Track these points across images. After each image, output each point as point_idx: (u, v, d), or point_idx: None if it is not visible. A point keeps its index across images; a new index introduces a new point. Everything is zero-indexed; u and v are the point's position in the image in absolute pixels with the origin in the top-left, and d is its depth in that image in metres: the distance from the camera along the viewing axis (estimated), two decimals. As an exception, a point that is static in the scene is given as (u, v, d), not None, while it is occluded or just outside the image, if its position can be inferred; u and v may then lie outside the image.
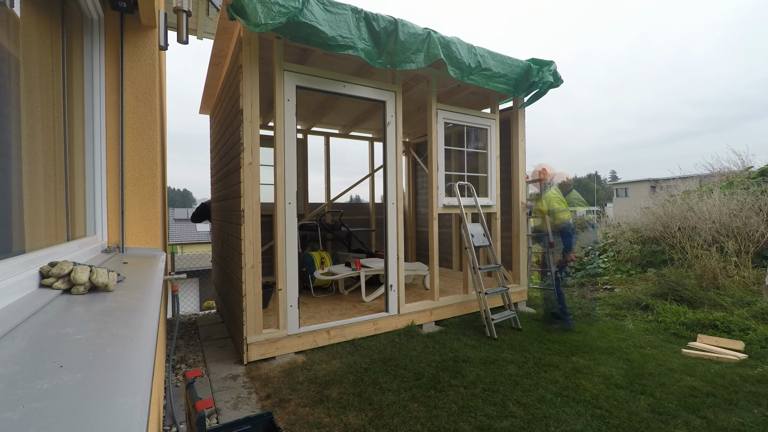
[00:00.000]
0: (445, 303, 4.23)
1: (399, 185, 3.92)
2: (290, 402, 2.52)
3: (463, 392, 2.67)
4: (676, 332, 3.97)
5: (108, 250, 1.93)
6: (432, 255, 4.14)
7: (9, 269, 0.91)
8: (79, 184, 1.85)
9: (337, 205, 6.86)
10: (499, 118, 4.69)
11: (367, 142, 7.21)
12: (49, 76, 1.47)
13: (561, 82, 4.40)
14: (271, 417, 1.86)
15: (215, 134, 4.95)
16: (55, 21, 1.56)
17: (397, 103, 3.88)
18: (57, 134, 1.55)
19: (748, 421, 2.36)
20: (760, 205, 5.77)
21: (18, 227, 1.17)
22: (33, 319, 0.80)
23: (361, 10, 3.09)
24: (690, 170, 10.84)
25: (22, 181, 1.20)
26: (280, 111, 3.19)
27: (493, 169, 4.65)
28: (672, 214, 6.66)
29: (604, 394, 2.66)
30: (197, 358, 3.39)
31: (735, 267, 5.18)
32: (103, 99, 1.97)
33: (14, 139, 1.16)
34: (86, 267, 1.08)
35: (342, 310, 3.98)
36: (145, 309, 0.94)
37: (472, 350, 3.41)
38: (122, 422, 0.44)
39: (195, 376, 2.13)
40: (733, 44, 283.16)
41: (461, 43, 3.67)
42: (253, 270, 3.05)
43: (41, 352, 0.64)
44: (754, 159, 8.51)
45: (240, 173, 3.05)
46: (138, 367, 0.61)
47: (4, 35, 1.09)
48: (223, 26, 3.23)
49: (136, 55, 2.06)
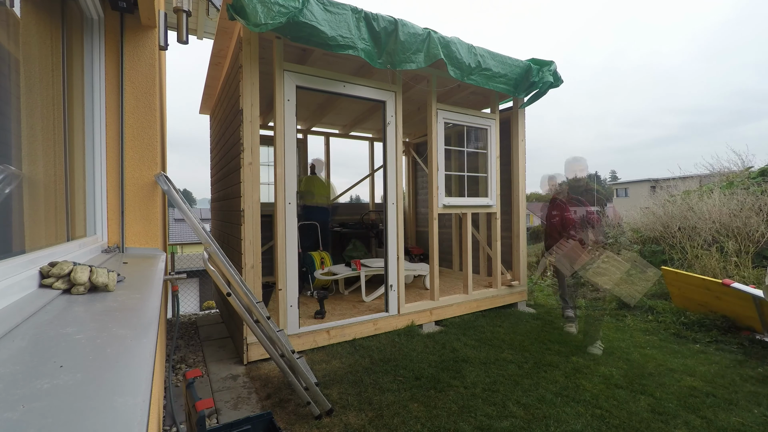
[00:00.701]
0: (445, 303, 4.23)
1: (399, 185, 3.92)
2: (290, 402, 2.52)
3: (463, 392, 2.67)
4: (677, 332, 3.97)
5: (108, 250, 1.93)
6: (432, 255, 4.14)
7: (9, 269, 0.91)
8: (79, 184, 1.85)
9: (377, 206, 7.16)
10: (499, 118, 4.69)
11: (367, 142, 7.22)
12: (49, 76, 1.47)
13: (561, 82, 4.39)
14: (271, 417, 1.87)
15: (215, 134, 4.95)
16: (55, 21, 1.56)
17: (397, 103, 3.88)
18: (57, 134, 1.55)
19: (748, 421, 2.36)
20: (760, 205, 5.77)
21: (18, 227, 1.17)
22: (33, 319, 0.80)
23: (361, 10, 3.09)
24: (690, 170, 10.83)
25: (22, 181, 1.20)
26: (280, 111, 3.19)
27: (493, 169, 4.65)
28: (672, 214, 6.66)
29: (604, 394, 2.66)
30: (197, 358, 3.39)
31: (735, 267, 5.18)
32: (103, 99, 1.97)
33: (14, 139, 1.16)
34: (86, 267, 1.08)
35: (342, 310, 3.98)
36: (145, 309, 0.94)
37: (472, 350, 3.41)
38: (122, 422, 0.44)
39: (195, 376, 2.13)
40: (708, 56, 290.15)
41: (461, 43, 3.67)
42: (253, 270, 3.05)
43: (41, 352, 0.64)
44: (754, 159, 8.50)
45: (240, 173, 3.05)
46: (138, 367, 0.61)
47: (4, 35, 1.09)
48: (223, 26, 3.23)
49: (136, 55, 2.06)
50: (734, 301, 3.81)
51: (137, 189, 2.07)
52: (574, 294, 4.21)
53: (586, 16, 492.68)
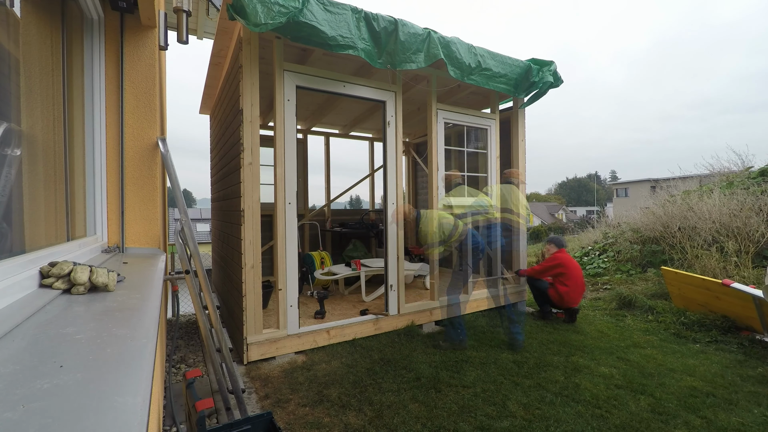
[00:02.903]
0: (445, 303, 4.22)
1: (399, 185, 3.92)
2: (290, 402, 2.52)
3: (463, 392, 2.67)
4: (677, 332, 3.97)
5: (108, 250, 1.93)
6: (432, 255, 4.14)
7: (9, 269, 0.91)
8: (79, 184, 1.85)
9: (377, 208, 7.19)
10: (499, 118, 4.69)
11: (367, 142, 7.22)
12: (49, 76, 1.47)
13: (561, 82, 4.39)
14: (271, 417, 1.87)
15: (215, 134, 4.95)
16: (55, 21, 1.56)
17: (397, 103, 3.88)
18: (57, 134, 1.55)
19: (748, 421, 2.36)
20: (760, 205, 5.77)
21: (18, 227, 1.17)
22: (33, 319, 0.80)
23: (361, 10, 3.09)
24: (690, 170, 10.85)
25: (22, 181, 1.20)
26: (280, 111, 3.19)
27: (493, 169, 4.65)
28: (672, 214, 6.65)
29: (604, 394, 2.66)
30: (197, 358, 3.39)
31: (735, 267, 5.18)
32: (103, 99, 1.97)
33: (14, 138, 1.15)
34: (86, 267, 1.08)
35: (342, 310, 3.98)
36: (145, 309, 0.94)
37: (472, 350, 3.41)
38: (122, 422, 0.44)
39: (195, 376, 2.13)
40: (642, 79, 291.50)
41: (461, 43, 3.67)
42: (253, 270, 3.05)
43: (41, 352, 0.64)
44: (754, 159, 8.51)
45: (240, 173, 3.05)
46: (138, 367, 0.61)
47: (4, 35, 1.09)
48: (223, 26, 3.23)
49: (136, 55, 2.06)
50: (734, 301, 3.81)
51: (137, 189, 2.07)
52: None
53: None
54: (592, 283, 6.27)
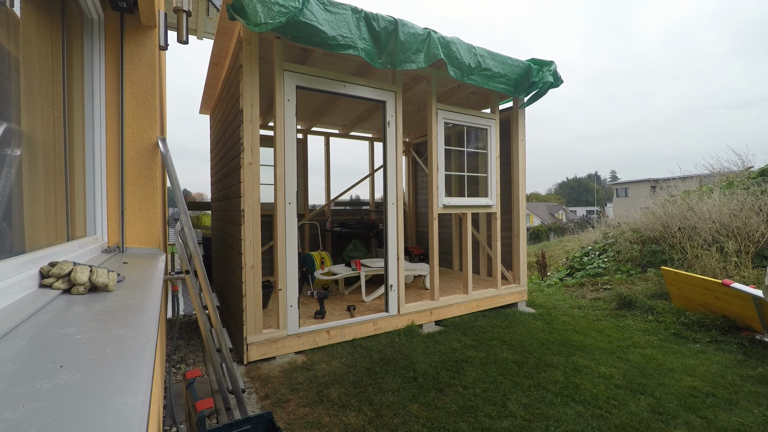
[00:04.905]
0: (445, 303, 4.23)
1: (399, 185, 3.92)
2: (290, 402, 2.52)
3: (463, 392, 2.67)
4: (677, 332, 3.97)
5: (108, 250, 1.93)
6: (432, 255, 4.14)
7: (9, 269, 0.91)
8: (79, 184, 1.85)
9: (377, 205, 7.21)
10: (499, 118, 4.69)
11: (367, 142, 7.21)
12: (49, 76, 1.47)
13: (561, 82, 4.39)
14: (270, 417, 1.87)
15: (215, 134, 4.95)
16: (55, 21, 1.56)
17: (397, 103, 3.88)
18: (57, 134, 1.55)
19: (748, 421, 2.36)
20: (760, 205, 5.77)
21: (18, 227, 1.17)
22: (33, 319, 0.80)
23: (361, 10, 3.09)
24: (690, 170, 10.85)
25: (22, 181, 1.20)
26: (280, 111, 3.19)
27: (493, 169, 4.65)
28: (672, 214, 6.65)
29: (604, 394, 2.66)
30: (197, 358, 3.39)
31: (735, 267, 5.18)
32: (103, 99, 1.97)
33: (14, 138, 1.15)
34: (86, 267, 1.08)
35: (342, 310, 3.98)
36: (145, 309, 0.94)
37: (472, 350, 3.41)
38: (122, 422, 0.44)
39: (195, 376, 2.13)
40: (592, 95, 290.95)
41: (461, 43, 3.67)
42: (253, 270, 3.05)
43: (41, 352, 0.64)
44: (754, 159, 8.50)
45: (240, 173, 3.05)
46: (138, 367, 0.61)
47: (4, 35, 1.09)
48: (223, 26, 3.22)
49: (136, 55, 2.06)
50: (734, 301, 3.81)
51: (137, 189, 2.07)
52: None
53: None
54: (592, 283, 6.27)
